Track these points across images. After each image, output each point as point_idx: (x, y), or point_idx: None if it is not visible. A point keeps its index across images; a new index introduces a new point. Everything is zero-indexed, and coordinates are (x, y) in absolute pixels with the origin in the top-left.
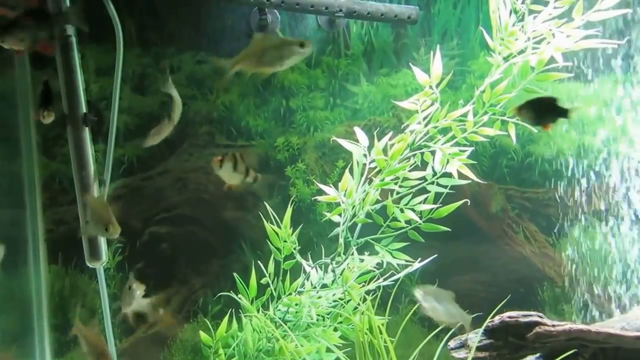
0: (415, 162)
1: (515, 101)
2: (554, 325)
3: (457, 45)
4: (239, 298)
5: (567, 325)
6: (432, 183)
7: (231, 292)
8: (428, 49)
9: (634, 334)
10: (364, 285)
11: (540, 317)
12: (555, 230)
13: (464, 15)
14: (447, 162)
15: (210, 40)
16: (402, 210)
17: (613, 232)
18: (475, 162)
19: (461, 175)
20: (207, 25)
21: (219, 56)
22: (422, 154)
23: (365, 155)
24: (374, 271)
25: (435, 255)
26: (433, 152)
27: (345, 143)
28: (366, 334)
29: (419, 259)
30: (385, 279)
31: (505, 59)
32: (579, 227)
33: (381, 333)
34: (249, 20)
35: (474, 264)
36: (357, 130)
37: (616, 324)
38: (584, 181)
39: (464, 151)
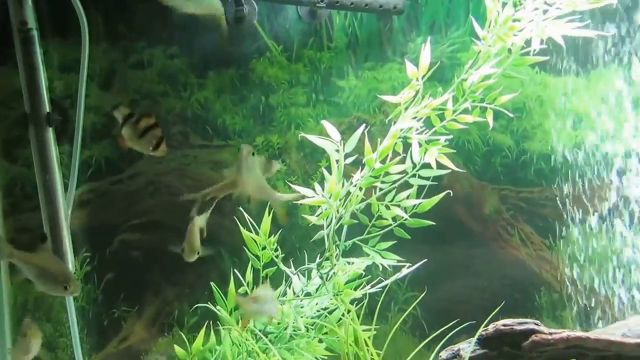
0: (399, 157)
1: (495, 88)
2: (551, 333)
3: (446, 36)
4: (217, 309)
5: (564, 333)
6: (414, 176)
7: (208, 303)
8: (415, 40)
9: (635, 340)
10: (356, 289)
11: (537, 324)
12: (552, 232)
13: (453, 5)
14: (425, 152)
15: (183, 33)
16: (387, 207)
17: (614, 233)
18: (467, 160)
19: (441, 166)
20: (179, 17)
21: (192, 50)
22: (395, 144)
23: (337, 151)
24: (364, 275)
25: (425, 260)
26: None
27: (316, 139)
28: (351, 345)
29: (408, 264)
30: (372, 286)
31: (499, 52)
32: (577, 228)
33: (367, 345)
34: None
35: (466, 269)
36: (327, 125)
37: (617, 331)
38: (582, 179)
39: (440, 140)
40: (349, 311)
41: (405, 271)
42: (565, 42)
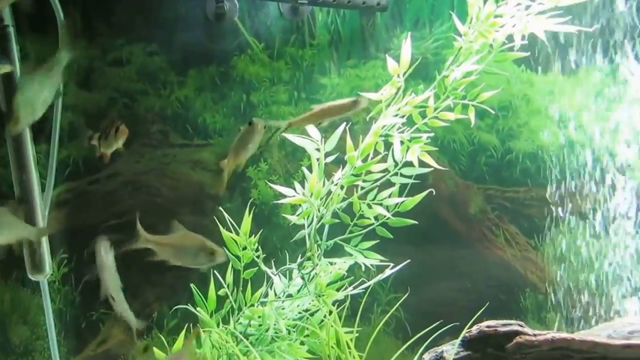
0: (381, 155)
1: (478, 85)
2: (535, 335)
3: (430, 33)
4: (197, 311)
5: (549, 334)
6: (396, 174)
7: (188, 304)
8: (399, 37)
9: (621, 342)
10: (338, 290)
11: (521, 326)
12: (537, 232)
13: (438, 1)
14: (407, 150)
15: (162, 31)
16: (369, 206)
17: (600, 233)
18: (452, 159)
19: (423, 164)
20: (159, 14)
21: (172, 48)
22: (376, 143)
23: (318, 150)
24: (347, 276)
25: (409, 260)
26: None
27: (295, 139)
28: (333, 347)
29: (391, 265)
30: (355, 287)
31: (481, 48)
32: (563, 228)
33: (349, 347)
34: (205, 8)
35: (451, 270)
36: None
37: (602, 332)
38: (568, 179)
39: (421, 138)
40: (330, 312)
41: (388, 272)
42: (550, 39)
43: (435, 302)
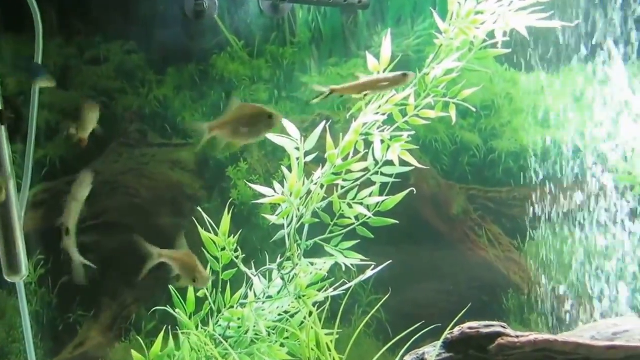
0: (362, 153)
1: (459, 82)
2: (517, 336)
3: (412, 30)
4: (176, 313)
5: (532, 336)
6: (376, 173)
7: (167, 306)
8: (381, 35)
9: (604, 343)
10: (319, 291)
11: (504, 327)
12: (520, 233)
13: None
14: (388, 148)
15: (140, 28)
16: (350, 206)
17: (584, 234)
18: (434, 159)
19: (404, 163)
20: (137, 11)
21: (150, 46)
22: (356, 142)
23: (297, 149)
24: (327, 277)
25: (390, 261)
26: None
27: (275, 138)
28: (313, 350)
29: (373, 265)
30: (335, 289)
31: (462, 45)
32: (546, 228)
33: (329, 349)
34: (184, 5)
35: (433, 271)
36: (286, 123)
37: (586, 333)
38: (551, 179)
39: (401, 136)
40: (311, 314)
41: (369, 273)
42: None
43: (417, 304)
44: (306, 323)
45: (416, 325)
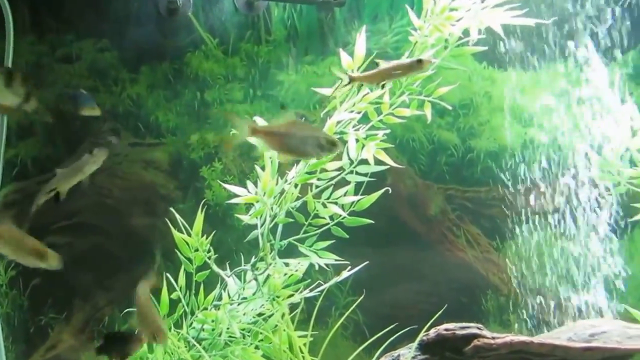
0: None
1: (435, 80)
2: (494, 338)
3: (390, 27)
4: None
5: (508, 337)
6: (351, 172)
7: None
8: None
9: (581, 345)
10: (291, 295)
11: (480, 328)
12: (499, 233)
13: None
14: (363, 147)
15: (113, 26)
16: (324, 205)
17: (563, 234)
18: (411, 159)
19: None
20: (110, 9)
21: (123, 44)
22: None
23: None
24: (304, 278)
25: (367, 262)
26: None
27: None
28: (285, 351)
29: (349, 267)
30: (311, 290)
31: (436, 42)
32: (525, 228)
33: (302, 352)
34: (157, 3)
35: (411, 272)
36: (260, 122)
37: (563, 335)
38: (530, 178)
39: (376, 135)
40: (283, 315)
41: (345, 274)
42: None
43: (395, 305)
44: (279, 326)
45: (390, 327)
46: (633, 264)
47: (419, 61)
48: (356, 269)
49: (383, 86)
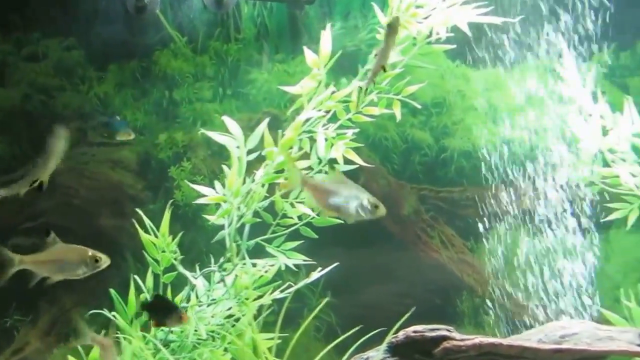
0: (302, 151)
1: (399, 77)
2: (463, 340)
3: (363, 24)
4: (113, 316)
5: (477, 339)
6: (320, 171)
7: (103, 309)
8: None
9: (550, 346)
10: (260, 297)
11: (449, 330)
12: (474, 234)
13: None
14: (332, 146)
15: (80, 24)
16: (292, 205)
17: (538, 234)
18: (384, 158)
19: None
20: (77, 6)
21: (90, 42)
22: (301, 140)
23: (238, 147)
24: (275, 280)
25: (337, 263)
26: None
27: (216, 136)
28: (249, 354)
29: (319, 268)
30: (282, 291)
31: (404, 40)
32: (500, 229)
33: (267, 356)
34: (125, 1)
35: (385, 273)
36: (227, 121)
37: (533, 336)
38: (504, 178)
39: (346, 134)
40: (259, 315)
41: (314, 275)
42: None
43: (369, 307)
44: (243, 328)
45: (355, 329)
46: (609, 264)
47: (389, 24)
48: (326, 270)
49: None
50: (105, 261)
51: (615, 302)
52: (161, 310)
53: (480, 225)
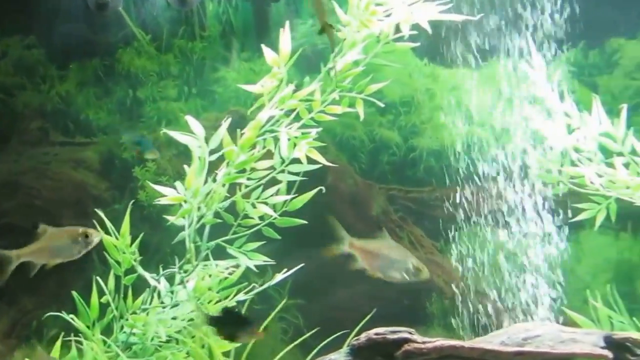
0: (265, 150)
1: (364, 76)
2: (424, 342)
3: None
4: (71, 319)
5: (438, 342)
6: (283, 171)
7: (62, 312)
8: (297, 29)
9: (512, 349)
10: (224, 299)
11: (411, 333)
12: (443, 235)
13: None
14: (295, 146)
15: (41, 22)
16: (253, 206)
17: (508, 234)
18: (352, 158)
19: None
20: (37, 4)
21: (52, 40)
22: (265, 140)
23: (200, 147)
24: (241, 282)
25: (302, 264)
26: (277, 138)
27: (177, 135)
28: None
29: (285, 269)
30: (246, 293)
31: (365, 38)
32: (470, 229)
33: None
34: None
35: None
36: (190, 120)
37: (497, 338)
38: (474, 178)
39: (310, 133)
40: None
41: (279, 277)
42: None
43: (337, 308)
44: (196, 332)
45: (314, 330)
46: (579, 265)
47: None
48: (290, 271)
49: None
50: (96, 235)
51: (585, 303)
52: (232, 325)
53: (449, 226)
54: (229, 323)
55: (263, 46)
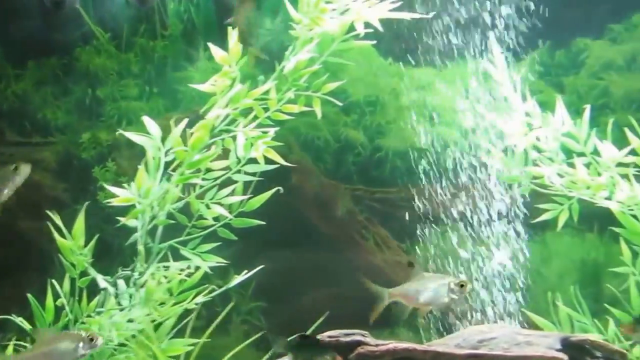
0: (219, 151)
1: (320, 75)
2: (377, 345)
3: (284, 22)
4: (20, 322)
5: (391, 345)
6: (239, 172)
7: (12, 315)
8: (263, 25)
9: (466, 352)
10: (182, 302)
11: (364, 335)
12: (409, 236)
13: None
14: (252, 145)
15: None
16: (207, 206)
17: (474, 235)
18: (316, 158)
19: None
20: None
21: (7, 38)
22: (223, 140)
23: (159, 148)
24: (203, 284)
25: (262, 266)
26: (234, 137)
27: (132, 136)
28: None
29: (245, 271)
30: (206, 295)
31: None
32: (436, 230)
33: None
34: None
35: (317, 276)
36: (147, 120)
37: (453, 341)
38: (441, 178)
39: (268, 132)
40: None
41: (238, 279)
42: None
43: (301, 311)
44: (151, 336)
45: (260, 334)
46: (545, 267)
47: None
48: (250, 273)
49: None
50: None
51: (550, 304)
52: (309, 351)
53: (416, 227)
54: (306, 349)
55: (210, 45)
